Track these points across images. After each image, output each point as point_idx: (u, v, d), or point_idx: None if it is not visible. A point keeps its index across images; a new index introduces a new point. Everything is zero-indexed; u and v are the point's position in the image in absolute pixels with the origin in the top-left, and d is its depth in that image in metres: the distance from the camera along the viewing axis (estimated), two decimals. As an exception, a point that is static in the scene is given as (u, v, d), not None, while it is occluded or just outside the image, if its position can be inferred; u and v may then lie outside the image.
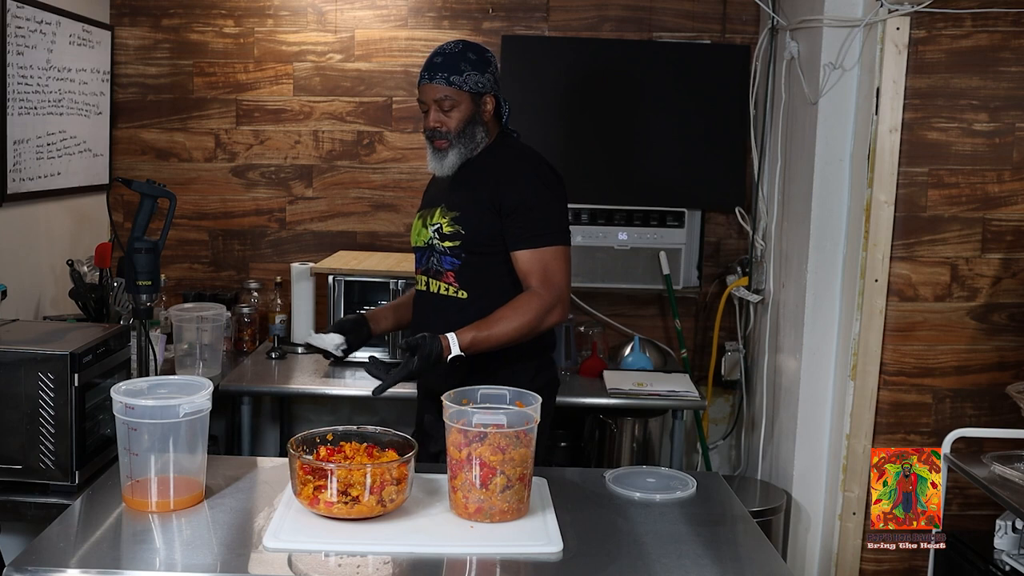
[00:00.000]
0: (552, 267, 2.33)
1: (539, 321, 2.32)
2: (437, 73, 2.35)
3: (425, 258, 2.45)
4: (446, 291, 2.40)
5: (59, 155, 3.33)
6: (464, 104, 2.36)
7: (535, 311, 2.30)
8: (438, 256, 2.40)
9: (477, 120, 2.38)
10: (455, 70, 2.34)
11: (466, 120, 2.37)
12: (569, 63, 3.72)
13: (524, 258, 2.33)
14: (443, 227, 2.38)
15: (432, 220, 2.41)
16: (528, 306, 2.30)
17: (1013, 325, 2.92)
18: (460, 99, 2.35)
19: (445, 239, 2.38)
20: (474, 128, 2.38)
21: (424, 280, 2.46)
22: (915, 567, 2.93)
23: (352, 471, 1.78)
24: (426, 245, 2.43)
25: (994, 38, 2.83)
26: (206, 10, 3.74)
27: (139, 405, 1.83)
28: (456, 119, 2.36)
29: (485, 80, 2.38)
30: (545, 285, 2.32)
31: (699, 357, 3.85)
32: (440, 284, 2.41)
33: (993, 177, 2.88)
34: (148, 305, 2.51)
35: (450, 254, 2.38)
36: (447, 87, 2.34)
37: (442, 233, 2.38)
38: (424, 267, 2.45)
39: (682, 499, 2.04)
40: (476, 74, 2.36)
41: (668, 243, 3.68)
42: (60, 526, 1.81)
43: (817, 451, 3.14)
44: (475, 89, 2.36)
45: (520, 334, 2.31)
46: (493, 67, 2.41)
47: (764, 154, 3.52)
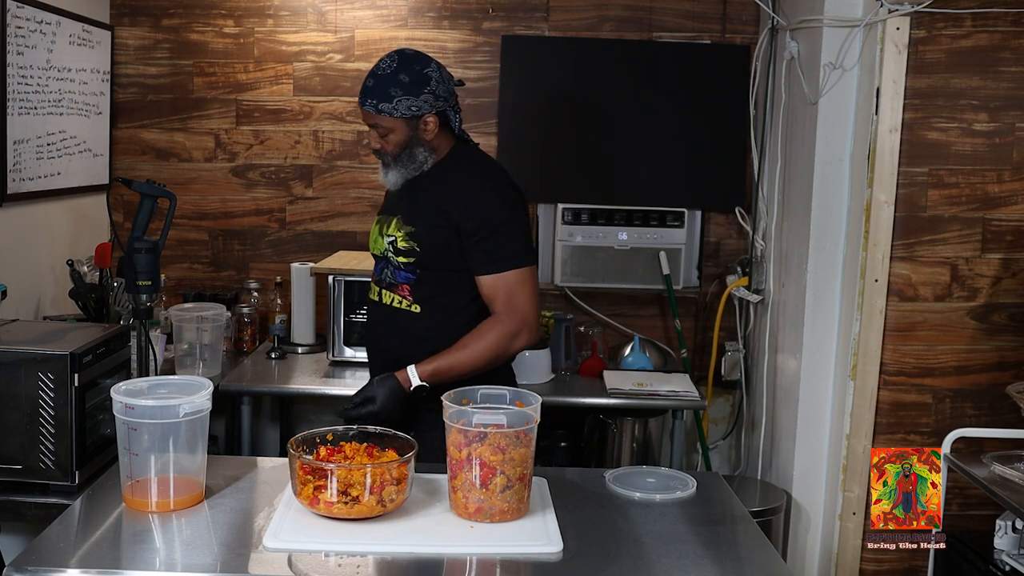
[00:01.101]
0: (515, 291, 2.27)
1: (504, 348, 2.28)
2: (367, 99, 2.27)
3: (380, 268, 2.41)
4: (399, 304, 2.36)
5: (59, 155, 3.33)
6: (398, 129, 2.28)
7: (499, 338, 2.26)
8: (393, 269, 2.36)
9: (416, 143, 2.30)
10: (384, 96, 2.25)
11: (402, 144, 2.30)
12: (569, 63, 3.72)
13: (488, 283, 2.28)
14: (398, 241, 2.32)
15: (388, 231, 2.36)
16: (491, 334, 2.26)
17: (1013, 325, 2.92)
18: (393, 125, 2.27)
19: (400, 254, 2.33)
20: (412, 150, 2.31)
21: (377, 290, 2.41)
22: (915, 567, 2.93)
23: (352, 471, 1.78)
24: (382, 255, 2.39)
25: (994, 38, 2.83)
26: (206, 10, 3.74)
27: (139, 405, 1.83)
28: (392, 143, 2.30)
29: (421, 103, 2.26)
30: (509, 311, 2.27)
31: (699, 357, 3.85)
32: (394, 296, 2.36)
33: (993, 177, 2.88)
34: (148, 305, 2.51)
35: (404, 269, 2.33)
36: (376, 115, 2.27)
37: (396, 247, 2.33)
38: (379, 277, 2.41)
39: (682, 499, 2.04)
40: (409, 98, 2.25)
41: (668, 243, 3.68)
42: (60, 526, 1.81)
43: (817, 451, 3.14)
44: (408, 114, 2.26)
45: (485, 362, 2.27)
46: (433, 84, 2.28)
47: (764, 154, 3.52)
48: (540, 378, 3.33)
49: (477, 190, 2.31)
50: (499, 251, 2.27)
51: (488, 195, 2.30)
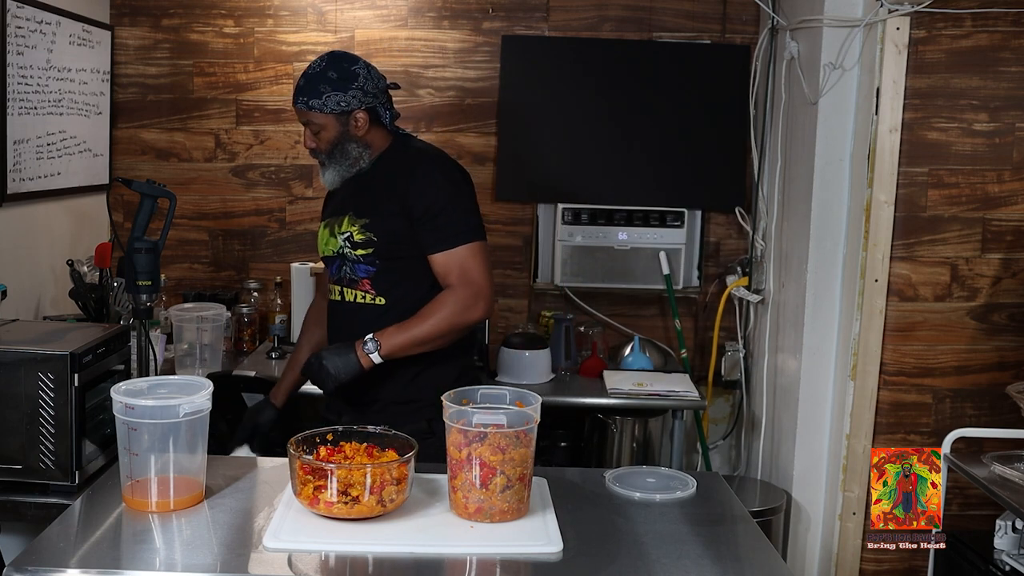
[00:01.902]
0: (468, 264, 2.30)
1: (460, 316, 2.29)
2: (299, 97, 2.33)
3: (337, 267, 2.41)
4: (363, 299, 2.37)
5: (59, 155, 3.33)
6: (329, 125, 2.33)
7: (454, 306, 2.28)
8: (351, 264, 2.37)
9: (347, 138, 2.34)
10: (314, 93, 2.31)
11: (334, 140, 2.34)
12: (569, 63, 3.72)
13: (440, 260, 2.31)
14: (354, 235, 2.34)
15: (341, 228, 2.38)
16: (446, 302, 2.28)
17: (1013, 325, 2.92)
18: (324, 121, 2.32)
19: (357, 247, 2.35)
20: (345, 146, 2.35)
21: (338, 290, 2.42)
22: (915, 567, 2.93)
23: (352, 471, 1.78)
24: (336, 254, 2.40)
25: (994, 38, 2.83)
26: (206, 10, 3.74)
27: (139, 405, 1.83)
28: (325, 140, 2.34)
29: (350, 98, 2.31)
30: (463, 282, 2.29)
31: (699, 357, 3.85)
32: (356, 292, 2.38)
33: (993, 177, 2.88)
34: (148, 305, 2.50)
35: (363, 262, 2.35)
36: (308, 111, 2.33)
37: (353, 241, 2.35)
38: (337, 276, 2.42)
39: (682, 499, 2.04)
40: (337, 94, 2.30)
41: (668, 243, 3.68)
42: (60, 526, 1.81)
43: (817, 451, 3.14)
44: (338, 109, 2.31)
45: (440, 331, 2.28)
46: (360, 80, 2.32)
47: (764, 154, 3.52)
48: (540, 378, 3.33)
49: (422, 174, 2.35)
50: (448, 229, 2.30)
51: (432, 176, 2.34)
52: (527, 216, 3.81)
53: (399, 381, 2.35)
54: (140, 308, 2.50)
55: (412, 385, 2.37)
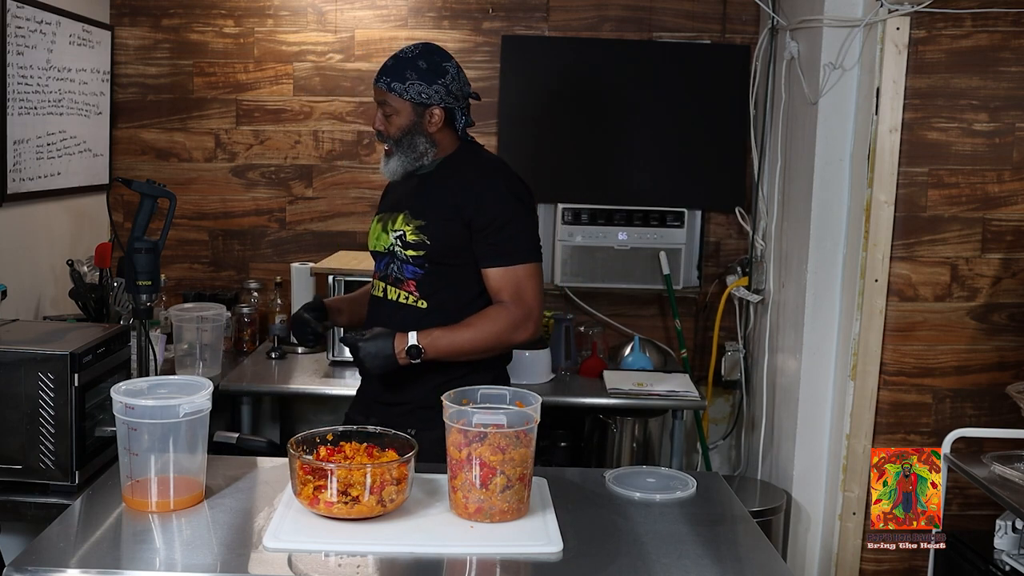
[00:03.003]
0: (524, 284, 2.29)
1: (508, 335, 2.28)
2: (382, 76, 2.32)
3: (385, 264, 2.40)
4: (405, 299, 2.36)
5: (59, 155, 3.33)
6: (404, 112, 2.30)
7: (504, 324, 2.27)
8: (399, 264, 2.36)
9: (418, 131, 2.32)
10: (399, 76, 2.29)
11: (405, 129, 2.31)
12: (569, 63, 3.72)
13: (496, 276, 2.29)
14: (407, 235, 2.32)
15: (394, 226, 2.36)
16: (498, 318, 2.27)
17: (1013, 325, 2.92)
18: (400, 107, 2.30)
19: (408, 247, 2.33)
20: (414, 138, 2.32)
21: (382, 286, 2.41)
22: (915, 567, 2.93)
23: (352, 471, 1.78)
24: (386, 251, 2.39)
25: (994, 38, 2.83)
26: (206, 10, 3.74)
27: (139, 405, 1.83)
28: (395, 126, 2.32)
29: (432, 92, 2.29)
30: (517, 301, 2.28)
31: (699, 357, 3.85)
32: (400, 292, 2.36)
33: (993, 177, 2.88)
34: (148, 305, 2.49)
35: (412, 263, 2.34)
36: (387, 92, 2.31)
37: (405, 241, 2.33)
38: (383, 273, 2.41)
39: (682, 499, 2.04)
40: (422, 84, 2.28)
41: (668, 243, 3.68)
42: (60, 526, 1.81)
43: (817, 451, 3.14)
44: (417, 99, 2.29)
45: (486, 345, 2.28)
46: (448, 79, 2.32)
47: (764, 154, 3.52)
48: (540, 378, 3.33)
49: (488, 185, 2.32)
50: (508, 245, 2.29)
51: (499, 190, 2.32)
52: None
53: (429, 384, 2.29)
54: (140, 308, 2.49)
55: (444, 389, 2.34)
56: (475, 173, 2.35)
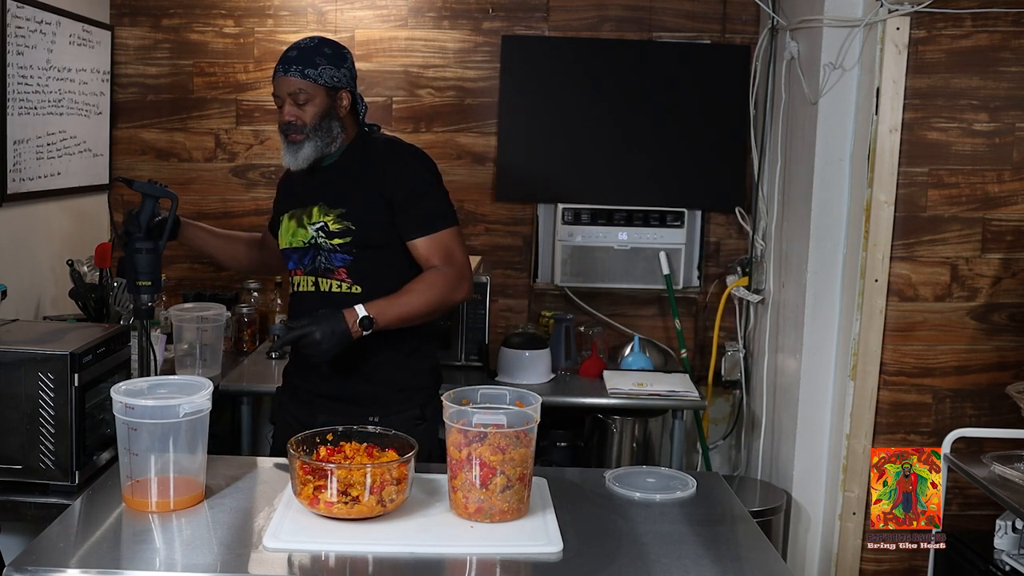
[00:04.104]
0: (451, 247, 2.36)
1: (448, 295, 2.33)
2: (292, 66, 2.34)
3: (309, 258, 2.42)
4: (339, 288, 2.38)
5: (59, 155, 3.33)
6: (319, 98, 2.35)
7: (443, 285, 2.32)
8: (326, 254, 2.39)
9: (332, 115, 2.37)
10: (310, 63, 2.33)
11: (321, 114, 2.36)
12: (569, 63, 3.72)
13: (423, 244, 2.35)
14: (328, 225, 2.36)
15: (311, 219, 2.39)
16: (435, 281, 2.32)
17: (1013, 325, 2.92)
18: (315, 93, 2.34)
19: (334, 236, 2.36)
20: (330, 123, 2.37)
21: (310, 280, 2.43)
22: (915, 567, 2.94)
23: (352, 471, 1.78)
24: (308, 245, 2.41)
25: (994, 38, 2.83)
26: (206, 10, 3.74)
27: (139, 405, 1.83)
28: (311, 113, 2.35)
29: (340, 75, 2.37)
30: (449, 263, 2.34)
31: (699, 357, 3.85)
32: (332, 282, 2.39)
33: (993, 177, 2.88)
34: (149, 306, 2.49)
35: (340, 251, 2.37)
36: (301, 80, 2.34)
37: (328, 231, 2.36)
38: (309, 267, 2.42)
39: (682, 499, 2.04)
40: (331, 68, 2.35)
41: (668, 243, 3.68)
42: (60, 526, 1.81)
43: (817, 451, 3.14)
44: (330, 83, 2.35)
45: (430, 308, 2.32)
46: (349, 63, 2.41)
47: (764, 154, 3.52)
48: (540, 378, 3.33)
49: (402, 162, 2.40)
50: (430, 214, 2.36)
51: (413, 165, 2.40)
52: (527, 216, 3.81)
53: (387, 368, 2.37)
54: (141, 308, 2.47)
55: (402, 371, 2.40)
56: (385, 153, 2.42)
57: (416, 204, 2.35)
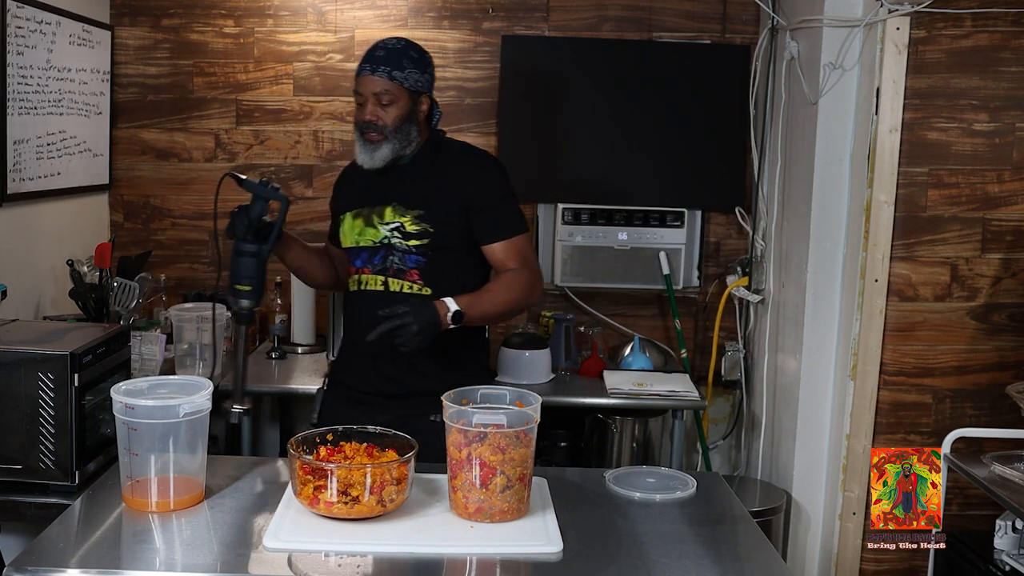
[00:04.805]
0: (526, 252, 2.43)
1: (527, 296, 2.40)
2: (380, 66, 2.35)
3: (379, 257, 2.42)
4: (410, 289, 2.39)
5: (59, 155, 3.33)
6: (402, 101, 2.36)
7: (523, 286, 2.38)
8: (400, 255, 2.39)
9: (412, 118, 2.39)
10: (397, 66, 2.35)
11: (402, 117, 2.37)
12: (569, 63, 3.72)
13: (501, 249, 2.40)
14: (405, 225, 2.37)
15: (383, 219, 2.40)
16: (515, 282, 2.38)
17: (1013, 325, 2.92)
18: (399, 95, 2.36)
19: (410, 237, 2.37)
20: (409, 126, 2.38)
21: (379, 280, 2.42)
22: (915, 567, 2.93)
23: (352, 471, 1.78)
24: (379, 244, 2.41)
25: (994, 38, 2.83)
26: (206, 10, 3.74)
27: (139, 405, 1.83)
28: (393, 115, 2.36)
29: (424, 80, 2.39)
30: (527, 267, 2.41)
31: (699, 357, 3.85)
32: (403, 283, 2.40)
33: (993, 177, 2.88)
34: (248, 312, 2.33)
35: (415, 252, 2.38)
36: (388, 81, 2.35)
37: (405, 232, 2.37)
38: (379, 267, 2.42)
39: (682, 499, 2.04)
40: (416, 72, 2.37)
41: (668, 243, 3.68)
42: (60, 526, 1.81)
43: (817, 451, 3.14)
44: (414, 87, 2.37)
45: (512, 307, 2.40)
46: (431, 69, 2.43)
47: (764, 154, 3.52)
48: (540, 378, 3.33)
49: (480, 166, 2.45)
50: (507, 219, 2.42)
51: (492, 170, 2.46)
52: (527, 216, 3.79)
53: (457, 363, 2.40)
54: (240, 313, 2.33)
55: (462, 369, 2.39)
56: (463, 158, 2.46)
57: (495, 209, 2.40)
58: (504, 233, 2.41)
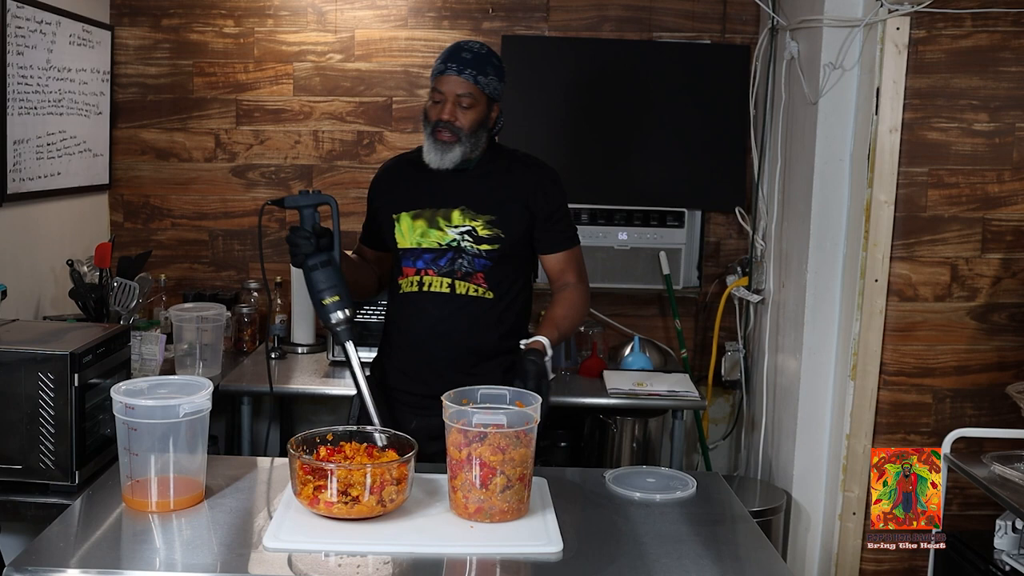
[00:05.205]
0: (581, 263, 2.51)
1: (585, 313, 2.50)
2: (467, 69, 2.35)
3: (446, 260, 2.40)
4: (475, 292, 2.40)
5: (59, 155, 3.33)
6: (481, 106, 2.37)
7: (583, 304, 2.48)
8: (469, 258, 2.39)
9: (484, 124, 2.40)
10: (482, 71, 2.36)
11: (478, 122, 2.37)
12: (569, 63, 3.72)
13: (562, 259, 2.47)
14: (477, 230, 2.38)
15: (452, 222, 2.39)
16: (582, 302, 2.47)
17: (1013, 325, 2.92)
18: (479, 100, 2.36)
19: (482, 242, 2.38)
20: (481, 132, 2.39)
21: (446, 282, 2.40)
22: (915, 567, 2.93)
23: (352, 471, 1.78)
24: (447, 247, 2.39)
25: (994, 38, 2.83)
26: (206, 10, 3.74)
27: (139, 405, 1.83)
28: (470, 118, 2.36)
29: (500, 88, 2.41)
30: (582, 280, 2.49)
31: (699, 357, 3.85)
32: (470, 286, 2.39)
33: (993, 177, 2.88)
34: (347, 325, 2.18)
35: (485, 256, 2.39)
36: (473, 85, 2.35)
37: (477, 236, 2.38)
38: (446, 269, 2.40)
39: (682, 499, 2.04)
40: (495, 80, 2.39)
41: (668, 243, 3.68)
42: (60, 526, 1.81)
43: (817, 451, 3.14)
44: (492, 95, 2.39)
45: (575, 328, 2.55)
46: (505, 79, 2.45)
47: (764, 154, 3.52)
48: (540, 378, 3.33)
49: (546, 176, 2.48)
50: (569, 230, 2.49)
51: (555, 180, 2.49)
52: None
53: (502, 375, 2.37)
54: (336, 329, 2.18)
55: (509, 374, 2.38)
56: (528, 166, 2.49)
57: (559, 220, 2.45)
58: (566, 244, 2.47)
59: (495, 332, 2.41)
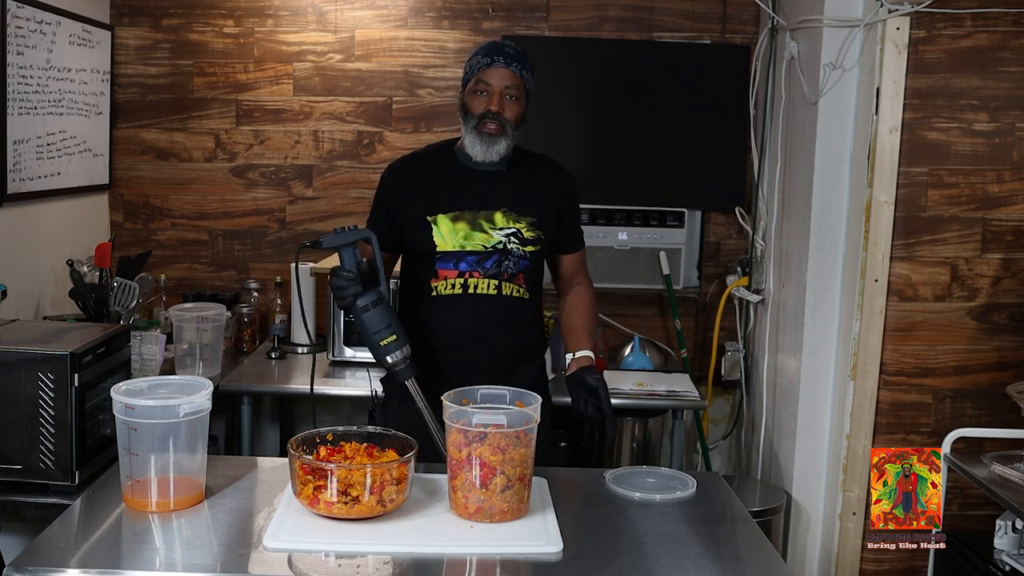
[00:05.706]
0: (586, 261, 2.59)
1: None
2: (513, 62, 2.35)
3: (492, 262, 2.37)
4: (518, 293, 2.41)
5: (59, 155, 3.33)
6: (523, 100, 2.39)
7: (595, 304, 2.57)
8: (515, 260, 2.38)
9: (524, 120, 2.40)
10: (525, 66, 2.37)
11: (521, 116, 2.38)
12: (569, 63, 3.72)
13: (576, 259, 2.54)
14: (523, 232, 2.38)
15: (496, 224, 2.37)
16: (595, 302, 2.56)
17: (1013, 325, 2.92)
18: (522, 94, 2.38)
19: (527, 244, 2.38)
20: (522, 127, 2.40)
21: (492, 284, 2.37)
22: (915, 567, 2.93)
23: (352, 471, 1.78)
24: (493, 249, 2.37)
25: (994, 38, 2.83)
26: (206, 10, 3.75)
27: (139, 405, 1.83)
28: (515, 112, 2.36)
29: (534, 85, 2.42)
30: (589, 279, 2.58)
31: (699, 357, 3.85)
32: (514, 287, 2.40)
33: (993, 177, 2.88)
34: (406, 364, 2.13)
35: (527, 258, 2.40)
36: (519, 78, 2.36)
37: (523, 238, 2.38)
38: (492, 271, 2.37)
39: (682, 499, 2.04)
40: (532, 77, 2.40)
41: (668, 243, 3.68)
42: (60, 526, 1.81)
43: (817, 451, 3.14)
44: (532, 89, 2.41)
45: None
46: None
47: (764, 154, 3.52)
48: (540, 378, 3.33)
49: (568, 177, 2.52)
50: (580, 230, 2.56)
51: (573, 181, 2.53)
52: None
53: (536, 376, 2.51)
54: (395, 370, 2.13)
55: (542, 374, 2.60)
56: (553, 167, 2.54)
57: (576, 220, 2.52)
58: (581, 244, 2.54)
59: (533, 332, 2.48)
